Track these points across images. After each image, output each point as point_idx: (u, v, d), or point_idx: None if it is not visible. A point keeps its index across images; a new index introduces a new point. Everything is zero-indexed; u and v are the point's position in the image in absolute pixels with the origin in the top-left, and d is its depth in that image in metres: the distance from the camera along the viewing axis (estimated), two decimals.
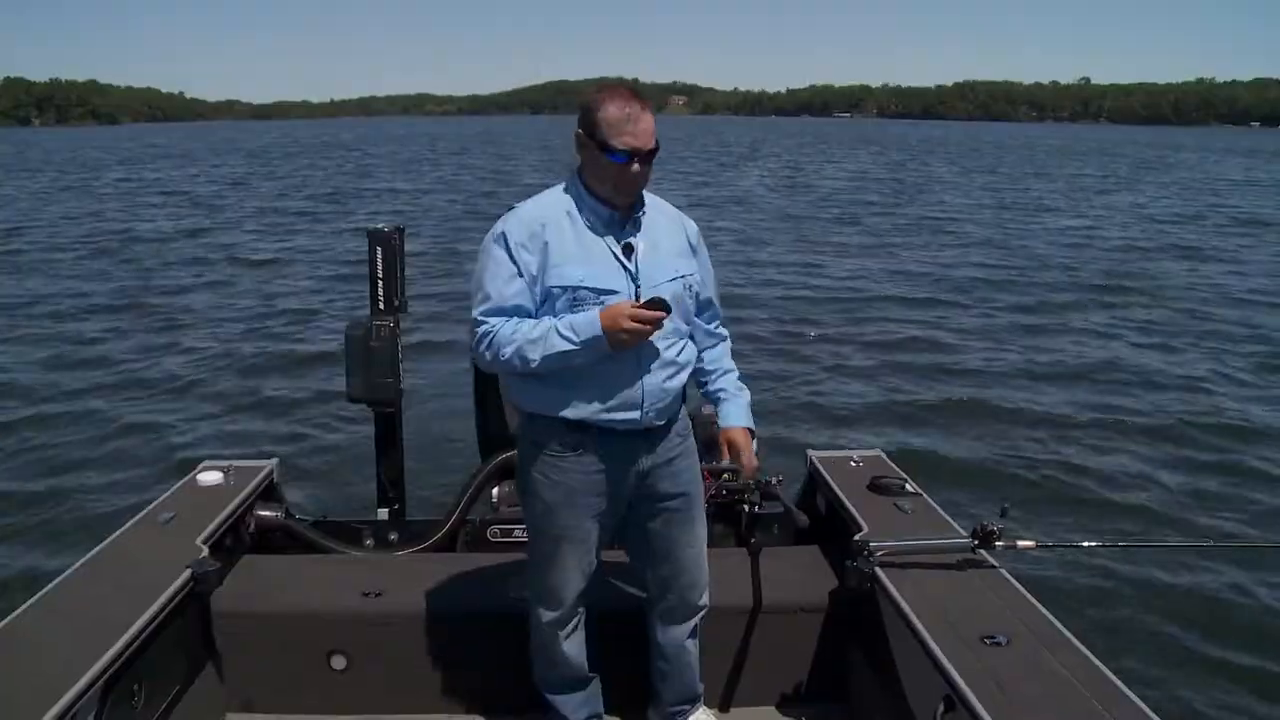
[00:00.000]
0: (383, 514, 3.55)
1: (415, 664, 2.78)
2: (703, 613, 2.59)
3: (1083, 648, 2.23)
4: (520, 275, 2.19)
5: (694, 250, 2.37)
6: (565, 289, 2.18)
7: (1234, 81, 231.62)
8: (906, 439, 6.62)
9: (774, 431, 6.19)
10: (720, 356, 2.52)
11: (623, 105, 2.13)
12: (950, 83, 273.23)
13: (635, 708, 2.72)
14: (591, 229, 2.22)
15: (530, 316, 2.21)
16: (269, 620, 2.77)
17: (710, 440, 2.64)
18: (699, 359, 2.46)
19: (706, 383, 2.51)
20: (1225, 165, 46.15)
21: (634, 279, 2.21)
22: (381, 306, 3.41)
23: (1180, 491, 5.81)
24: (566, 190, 2.27)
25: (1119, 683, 2.08)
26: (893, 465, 3.46)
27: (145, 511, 3.04)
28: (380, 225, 3.43)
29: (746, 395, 2.53)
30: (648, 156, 2.16)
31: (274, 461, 3.46)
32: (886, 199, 26.28)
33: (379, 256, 3.38)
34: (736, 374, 2.54)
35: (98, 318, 10.96)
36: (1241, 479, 6.03)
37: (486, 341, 2.21)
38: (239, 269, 14.29)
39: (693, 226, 2.40)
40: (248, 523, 3.19)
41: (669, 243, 2.30)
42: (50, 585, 2.52)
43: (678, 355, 2.30)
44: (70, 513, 5.47)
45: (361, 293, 3.70)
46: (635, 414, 2.25)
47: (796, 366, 8.58)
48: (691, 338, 2.40)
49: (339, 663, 2.78)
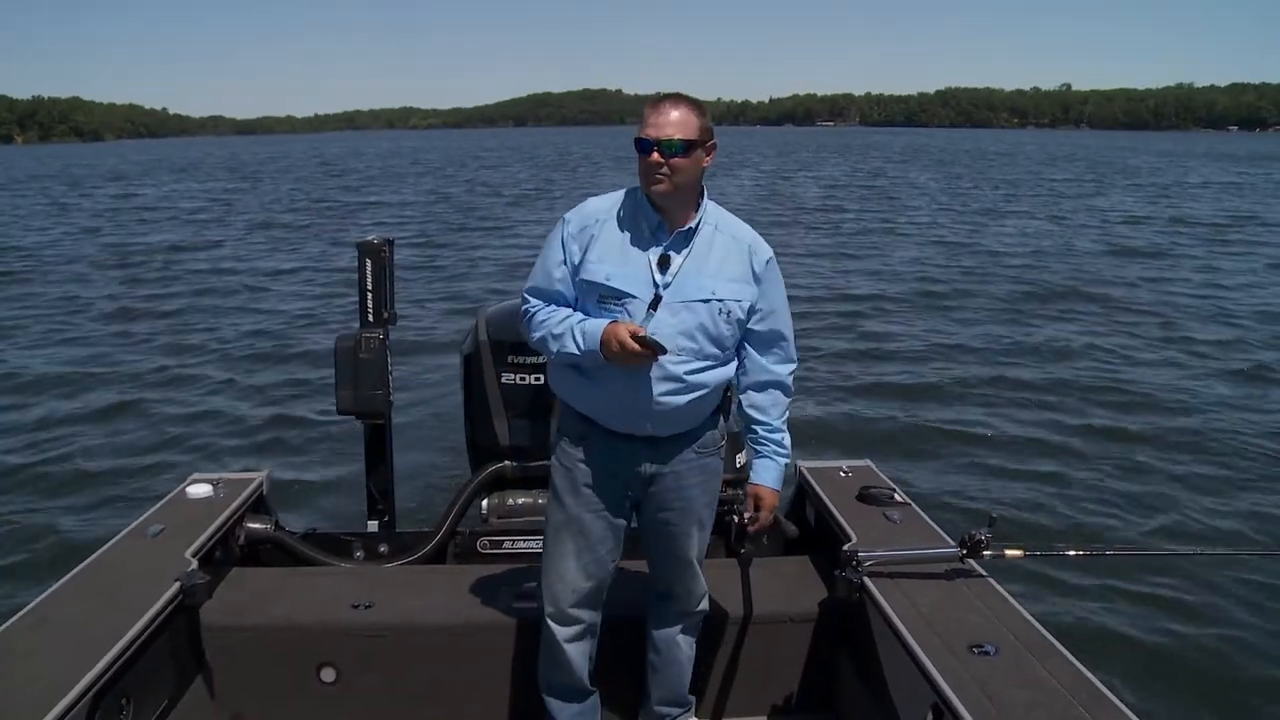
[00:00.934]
0: (372, 526, 3.55)
1: (405, 676, 2.78)
2: (699, 618, 2.63)
3: (1070, 657, 2.24)
4: (565, 263, 2.31)
5: (755, 278, 2.31)
6: (593, 284, 2.26)
7: (1212, 87, 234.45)
8: (896, 449, 6.62)
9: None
10: (772, 407, 2.45)
11: (655, 103, 2.24)
12: (932, 90, 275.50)
13: None
14: (636, 232, 2.27)
15: (568, 303, 2.33)
16: (258, 633, 2.76)
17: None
18: (749, 397, 2.44)
19: (751, 431, 2.48)
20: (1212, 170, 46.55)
21: (658, 289, 2.24)
22: (371, 318, 3.41)
23: (1167, 500, 5.82)
24: (630, 193, 2.33)
25: (1106, 691, 2.10)
26: (882, 475, 3.47)
27: (134, 524, 3.03)
28: (369, 237, 3.43)
29: (786, 459, 2.50)
30: (669, 149, 2.17)
31: (263, 474, 3.46)
32: (865, 207, 26.38)
33: (368, 269, 3.38)
34: (785, 434, 2.49)
35: (87, 332, 10.89)
36: (1227, 487, 6.04)
37: (526, 318, 2.37)
38: (227, 282, 14.23)
39: (763, 255, 2.33)
40: (237, 535, 3.18)
41: (718, 264, 2.28)
42: (39, 598, 2.51)
43: (686, 373, 2.26)
44: (59, 525, 5.43)
45: (350, 304, 3.70)
46: (632, 420, 2.29)
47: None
48: (740, 362, 2.40)
49: (329, 675, 2.77)
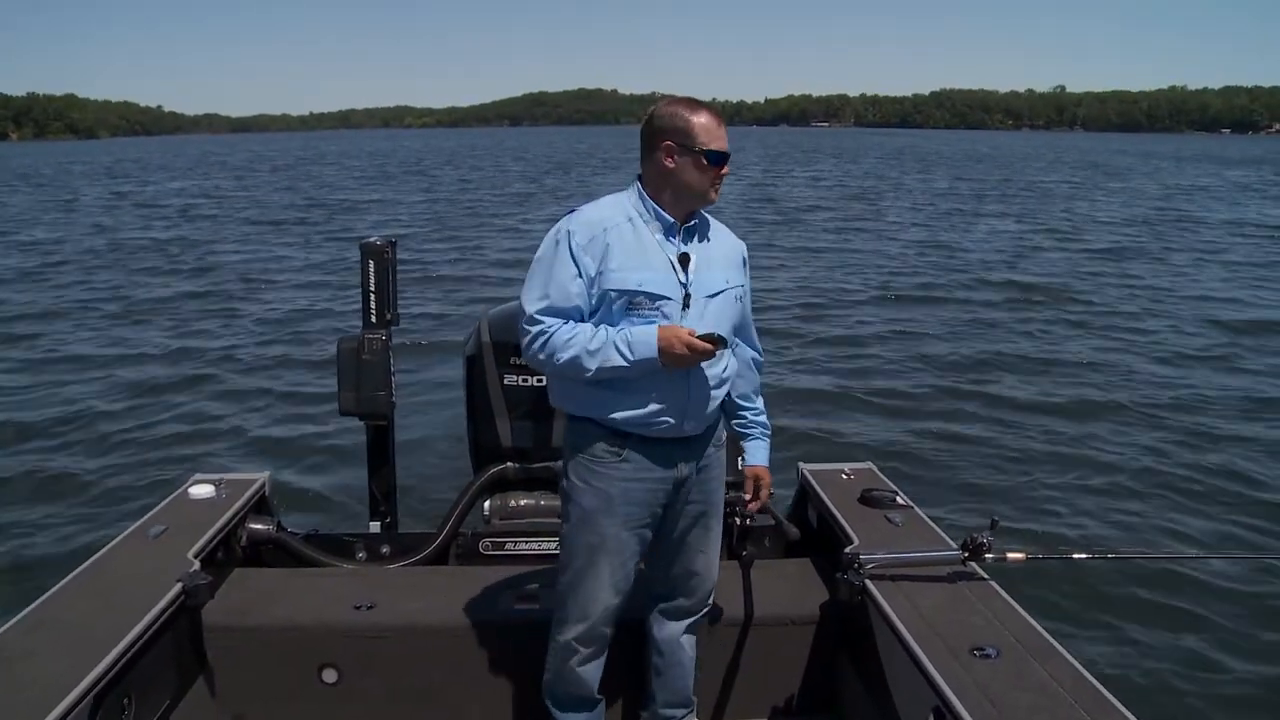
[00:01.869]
0: (374, 527, 3.54)
1: (407, 677, 2.78)
2: (702, 617, 2.63)
3: (1072, 660, 2.24)
4: (580, 276, 2.22)
5: (744, 265, 2.44)
6: (623, 293, 2.21)
7: (1205, 89, 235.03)
8: (898, 452, 6.63)
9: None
10: (754, 391, 2.59)
11: (710, 115, 2.25)
12: (927, 91, 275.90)
13: None
14: (650, 236, 2.27)
15: (584, 319, 2.25)
16: (260, 634, 2.76)
17: None
18: (735, 384, 2.50)
19: (739, 416, 2.57)
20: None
21: (686, 287, 2.25)
22: (374, 320, 3.41)
23: (1170, 504, 5.82)
24: (628, 197, 2.32)
25: (1108, 695, 2.10)
26: (884, 478, 3.48)
27: (136, 525, 3.03)
28: (372, 238, 3.43)
29: (770, 437, 2.61)
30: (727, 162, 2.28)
31: (266, 475, 3.45)
32: (864, 207, 26.43)
33: (371, 270, 3.38)
34: (765, 414, 2.61)
35: (87, 329, 10.87)
36: (1231, 490, 6.04)
37: (541, 341, 2.23)
38: (229, 282, 14.20)
39: (744, 247, 2.46)
40: (239, 536, 3.18)
41: (721, 255, 2.36)
42: (41, 599, 2.51)
43: (724, 370, 2.36)
44: (61, 526, 5.43)
45: (354, 304, 3.70)
46: (678, 422, 2.29)
47: (786, 379, 8.59)
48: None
49: (330, 676, 2.77)
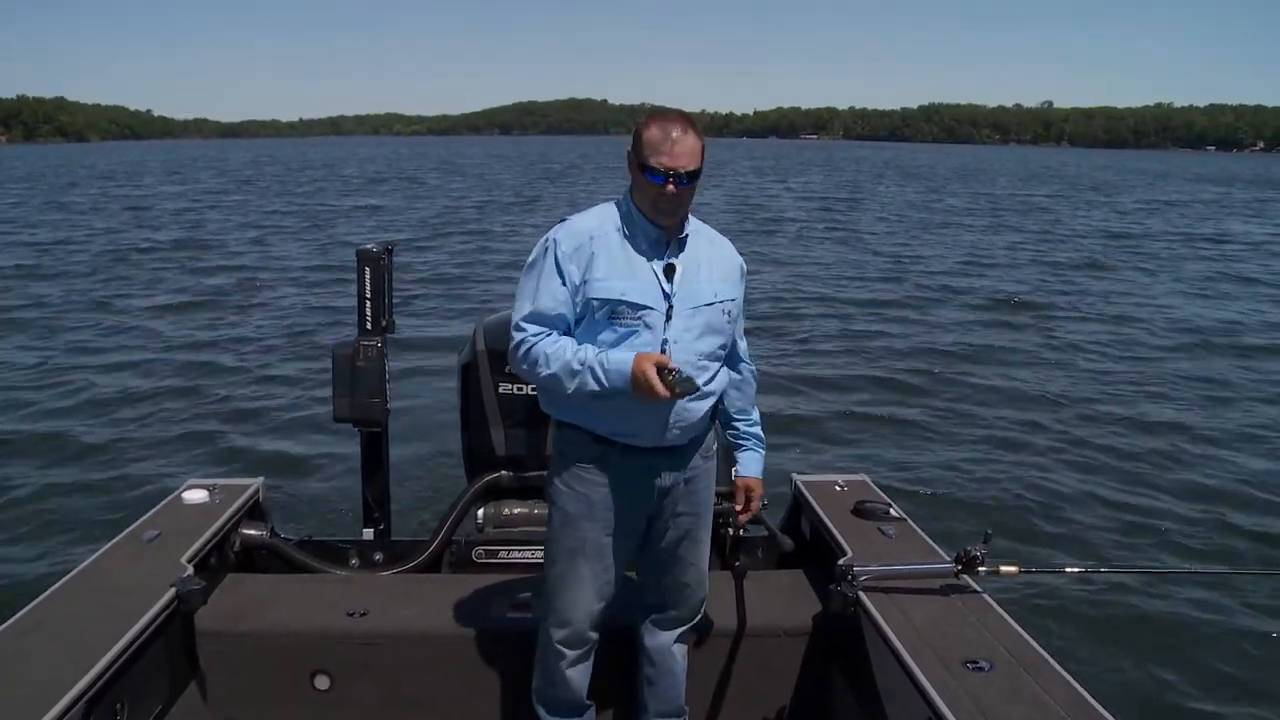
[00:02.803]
0: (368, 534, 3.54)
1: (399, 685, 2.77)
2: (693, 627, 2.64)
3: (1065, 673, 2.25)
4: (565, 285, 2.25)
5: (739, 278, 2.42)
6: (605, 302, 2.23)
7: (1190, 107, 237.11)
8: (892, 464, 6.65)
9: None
10: (746, 403, 2.58)
11: (664, 127, 2.19)
12: (915, 105, 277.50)
13: None
14: (636, 246, 2.27)
15: (569, 328, 2.28)
16: (253, 639, 2.76)
17: None
18: (729, 396, 2.52)
19: (733, 427, 2.59)
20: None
21: (669, 299, 2.26)
22: (369, 326, 3.41)
23: (1163, 518, 5.85)
24: (617, 206, 2.33)
25: (1100, 709, 2.11)
26: (877, 490, 3.49)
27: (129, 529, 3.02)
28: (368, 245, 3.43)
29: (764, 449, 2.62)
30: (686, 178, 2.20)
31: (259, 480, 3.45)
32: (850, 216, 26.56)
33: (367, 276, 3.38)
34: (759, 425, 2.61)
35: (81, 335, 10.81)
36: (1225, 505, 6.08)
37: (524, 350, 2.26)
38: (224, 287, 14.17)
39: (738, 256, 2.45)
40: (233, 541, 3.17)
41: (711, 267, 2.34)
42: (34, 602, 2.50)
43: (709, 381, 2.33)
44: (54, 530, 5.42)
45: (349, 311, 3.71)
46: (659, 432, 2.29)
47: (781, 389, 8.60)
48: (727, 363, 2.46)
49: (323, 683, 2.76)
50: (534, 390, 3.16)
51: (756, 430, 2.60)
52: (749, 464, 2.58)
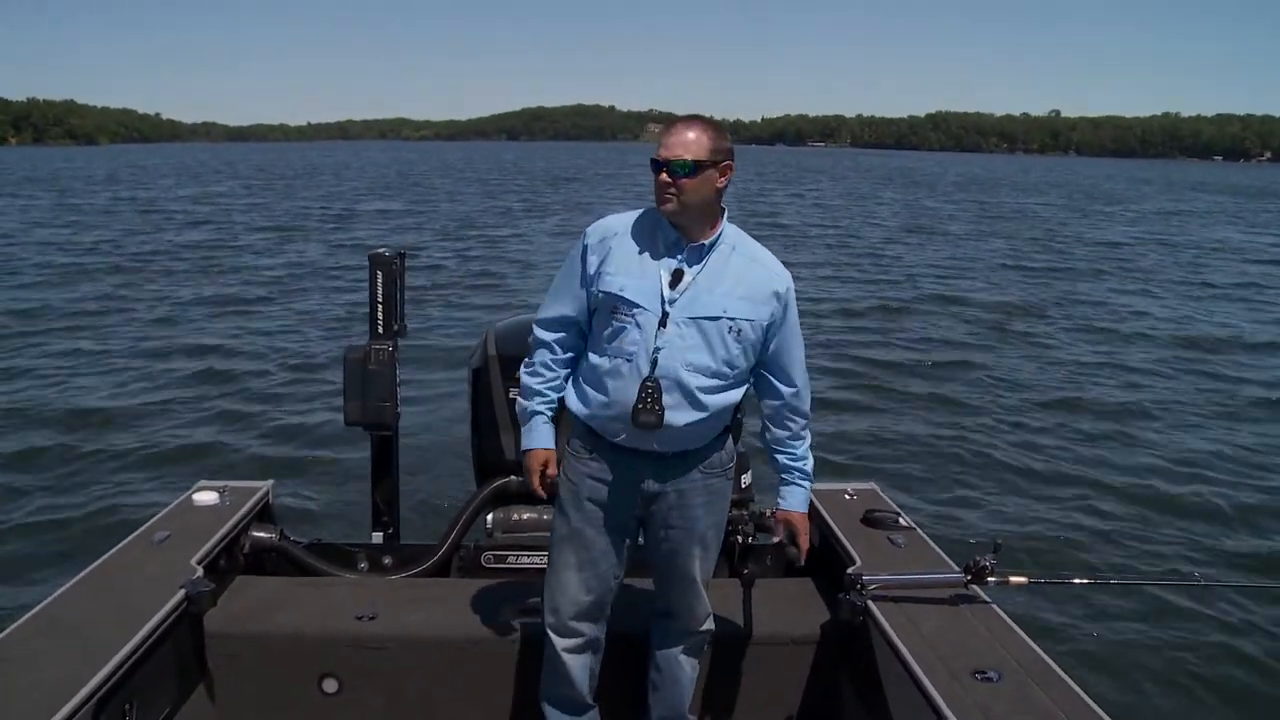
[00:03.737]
0: (377, 537, 3.54)
1: (407, 689, 2.77)
2: (703, 639, 2.63)
3: (1074, 684, 2.25)
4: (582, 276, 2.35)
5: (772, 302, 2.32)
6: (608, 295, 2.28)
7: (1198, 116, 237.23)
8: (901, 473, 6.64)
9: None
10: (795, 437, 2.50)
11: (669, 124, 2.28)
12: (923, 114, 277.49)
13: None
14: (652, 248, 2.30)
15: (579, 329, 2.40)
16: (262, 642, 2.76)
17: None
18: (772, 429, 2.49)
19: (774, 460, 2.55)
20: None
21: (665, 304, 2.25)
22: (380, 330, 3.42)
23: (1172, 530, 5.83)
24: (648, 210, 2.36)
25: None
26: (886, 499, 3.48)
27: (140, 530, 3.03)
28: (381, 249, 3.45)
29: (810, 484, 2.56)
30: (679, 168, 2.20)
31: (269, 483, 3.46)
32: (863, 226, 26.56)
33: (379, 281, 3.39)
34: (809, 460, 2.54)
35: (93, 337, 10.85)
36: (1235, 518, 6.05)
37: (526, 363, 2.47)
38: (236, 290, 14.20)
39: (782, 280, 2.34)
40: (242, 544, 3.18)
41: (732, 283, 2.28)
42: (44, 602, 2.51)
43: (696, 389, 2.27)
44: (65, 530, 5.44)
45: (361, 314, 3.72)
46: (637, 435, 2.29)
47: None
48: (760, 391, 2.45)
49: (331, 686, 2.77)
50: None
51: (801, 465, 2.51)
52: (789, 498, 2.53)
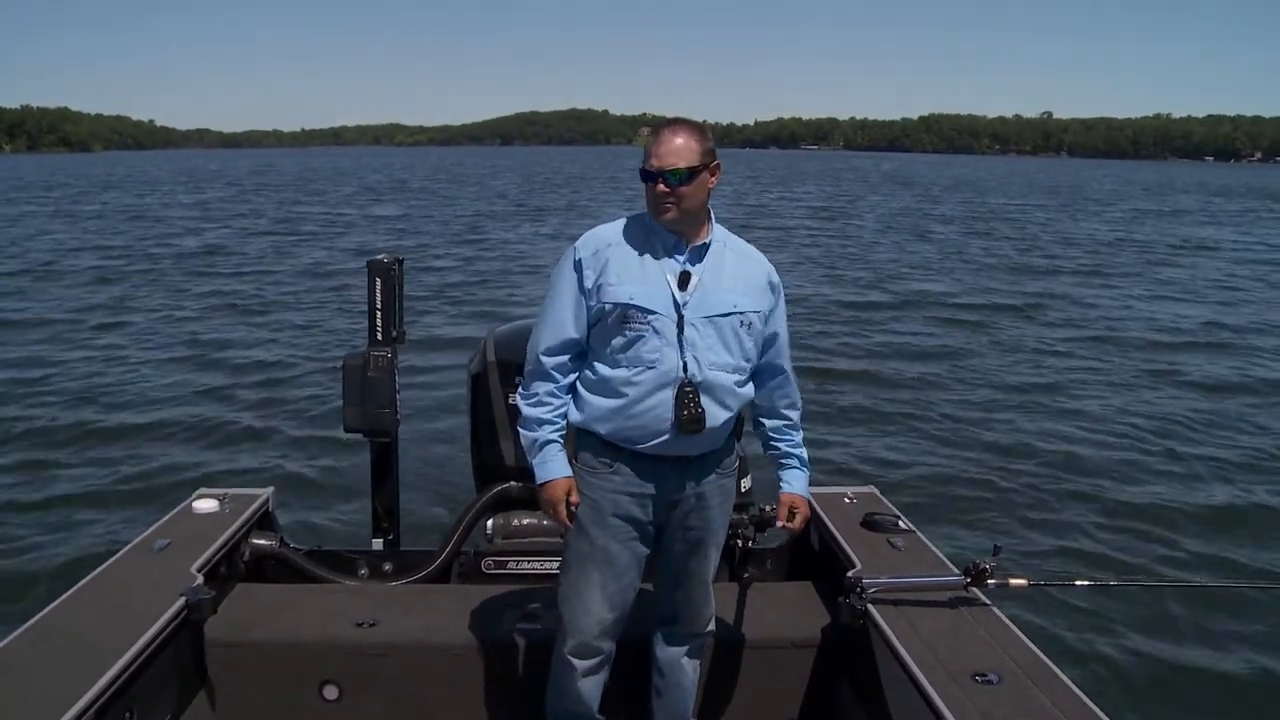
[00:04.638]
0: (377, 544, 3.55)
1: (408, 695, 2.78)
2: (705, 640, 2.64)
3: (1074, 687, 2.26)
4: (579, 291, 2.32)
5: (768, 292, 2.39)
6: (616, 305, 2.27)
7: (1189, 117, 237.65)
8: (901, 476, 6.63)
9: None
10: (791, 425, 2.55)
11: (658, 132, 2.27)
12: (916, 116, 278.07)
13: None
14: (652, 253, 2.30)
15: (581, 349, 2.35)
16: (262, 649, 2.77)
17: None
18: (769, 418, 2.52)
19: (773, 446, 2.57)
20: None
21: (679, 308, 2.27)
22: (380, 337, 3.43)
23: (1173, 532, 5.83)
24: (640, 216, 2.36)
25: None
26: (886, 502, 3.49)
27: (140, 538, 3.03)
28: (379, 256, 3.45)
29: (808, 469, 2.59)
30: (674, 176, 2.21)
31: (269, 490, 3.46)
32: (853, 227, 26.62)
33: (378, 287, 3.40)
34: (804, 448, 2.59)
35: (91, 346, 10.82)
36: (1235, 519, 6.06)
37: (528, 385, 2.39)
38: (235, 297, 14.18)
39: (772, 270, 2.43)
40: (242, 551, 3.18)
41: (733, 279, 2.33)
42: (44, 610, 2.51)
43: (723, 388, 2.31)
44: (64, 538, 5.42)
45: (360, 320, 3.72)
46: (669, 442, 2.29)
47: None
48: (756, 382, 2.45)
49: (331, 693, 2.77)
50: None
51: (799, 452, 2.56)
52: (793, 481, 2.55)
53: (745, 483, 3.21)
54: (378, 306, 3.41)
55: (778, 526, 2.61)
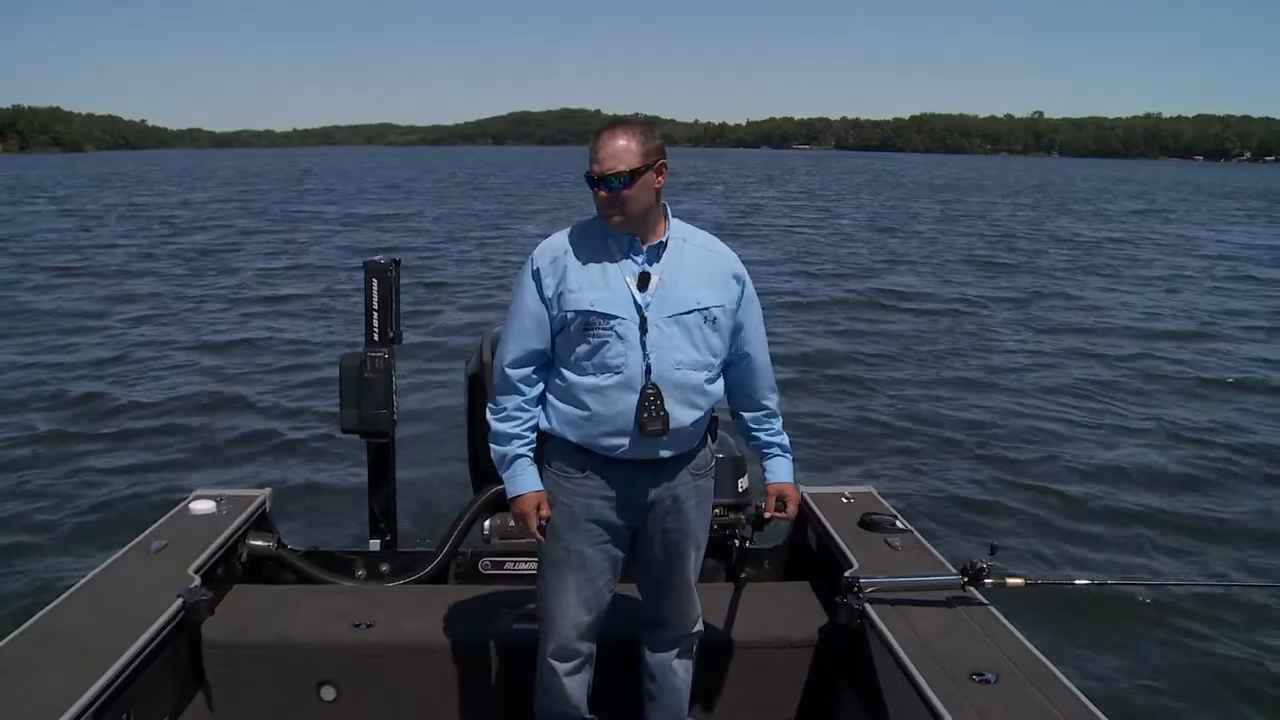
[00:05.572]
0: (374, 545, 3.55)
1: (405, 696, 2.78)
2: (694, 641, 2.63)
3: (1071, 686, 2.27)
4: (540, 301, 2.29)
5: (732, 285, 2.35)
6: (579, 313, 2.25)
7: (1179, 117, 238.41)
8: (898, 476, 6.65)
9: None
10: (770, 415, 2.53)
11: (597, 136, 2.23)
12: (907, 116, 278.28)
13: None
14: (609, 256, 2.28)
15: (546, 358, 2.34)
16: (259, 650, 2.77)
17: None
18: (749, 411, 2.51)
19: (754, 438, 2.56)
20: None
21: (641, 310, 2.25)
22: (376, 338, 3.43)
23: (1169, 530, 5.85)
24: (595, 220, 2.33)
25: None
26: (884, 502, 3.50)
27: (137, 540, 3.03)
28: (376, 257, 3.46)
29: (792, 456, 2.58)
30: (614, 180, 2.18)
31: (266, 491, 3.46)
32: (845, 229, 26.65)
33: (374, 288, 3.40)
34: (783, 436, 2.57)
35: (89, 347, 10.79)
36: (1234, 519, 6.08)
37: (492, 410, 2.37)
38: (232, 298, 14.15)
39: (737, 263, 2.39)
40: (240, 552, 3.18)
41: (694, 275, 2.30)
42: (41, 612, 2.51)
43: (694, 387, 2.30)
44: (62, 540, 5.42)
45: (357, 321, 3.72)
46: (642, 444, 2.28)
47: (786, 401, 8.57)
48: (730, 377, 2.44)
49: (329, 694, 2.77)
50: None
51: (780, 440, 2.55)
52: (778, 470, 2.54)
53: (742, 482, 3.23)
54: (374, 307, 3.41)
55: (766, 517, 2.61)
